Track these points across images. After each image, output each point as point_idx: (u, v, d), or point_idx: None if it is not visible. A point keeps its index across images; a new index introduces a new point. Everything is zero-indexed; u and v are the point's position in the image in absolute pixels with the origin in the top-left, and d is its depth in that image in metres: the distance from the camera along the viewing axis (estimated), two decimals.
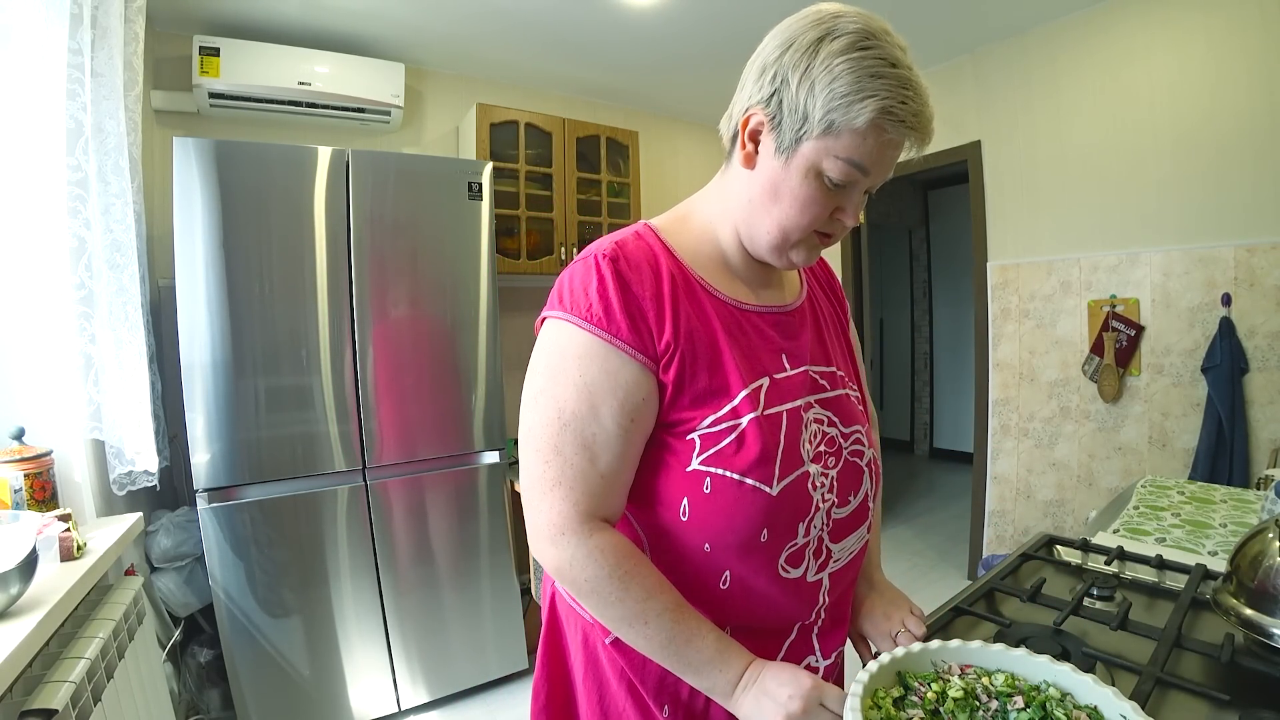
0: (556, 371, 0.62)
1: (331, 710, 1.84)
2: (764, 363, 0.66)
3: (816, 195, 0.61)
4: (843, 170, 0.59)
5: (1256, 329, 1.97)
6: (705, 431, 0.62)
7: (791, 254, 0.66)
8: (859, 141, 0.57)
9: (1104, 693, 0.54)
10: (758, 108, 0.62)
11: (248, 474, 1.71)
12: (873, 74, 0.56)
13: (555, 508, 0.61)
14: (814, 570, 0.67)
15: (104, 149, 1.42)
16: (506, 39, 2.47)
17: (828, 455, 0.67)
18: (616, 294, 0.60)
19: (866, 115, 0.56)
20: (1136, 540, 1.08)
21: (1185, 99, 2.08)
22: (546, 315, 0.64)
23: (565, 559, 0.60)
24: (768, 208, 0.63)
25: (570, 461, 0.61)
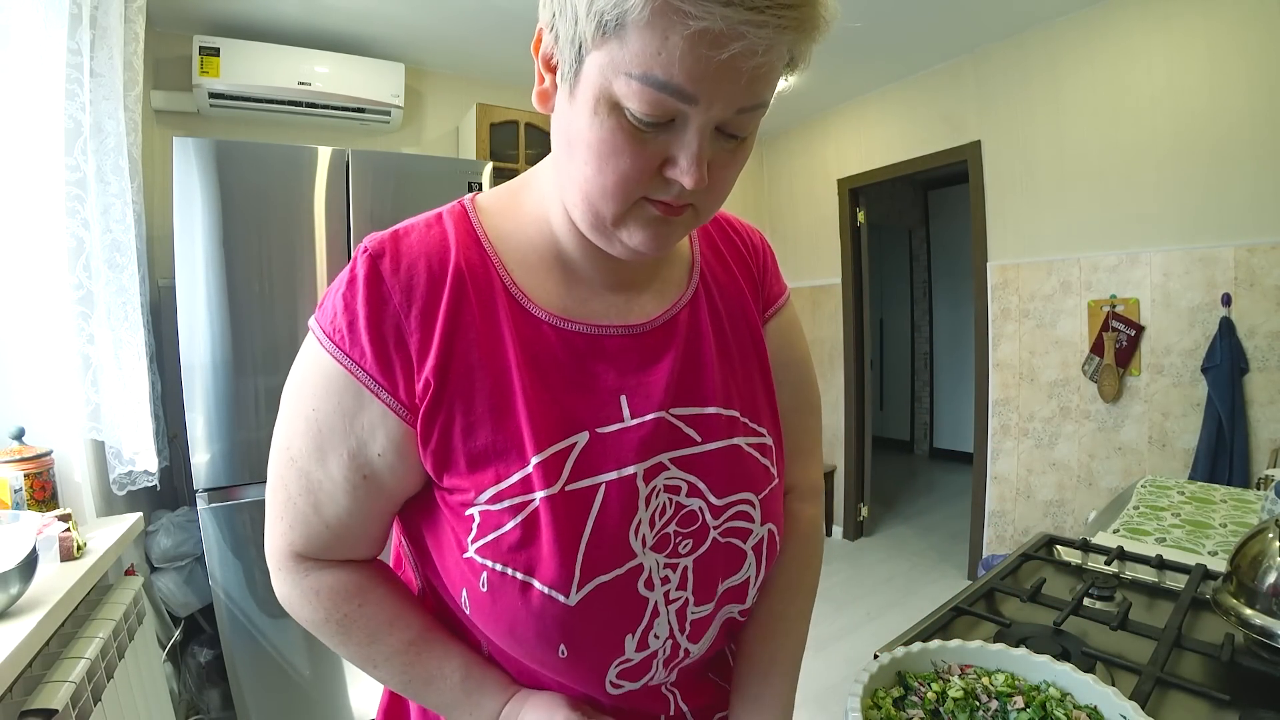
0: (294, 396, 0.48)
1: (331, 710, 1.84)
2: (582, 411, 0.47)
3: (616, 140, 0.39)
4: (643, 96, 0.36)
5: (1256, 329, 1.97)
6: (484, 508, 0.44)
7: (621, 235, 0.43)
8: (655, 44, 0.35)
9: (1104, 693, 0.54)
10: (542, 22, 0.42)
11: (248, 474, 1.71)
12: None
13: (274, 541, 0.50)
14: (664, 677, 0.51)
15: (103, 149, 1.42)
16: (506, 39, 2.47)
17: (681, 538, 0.48)
18: (366, 306, 0.43)
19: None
20: (1136, 540, 1.08)
21: (1185, 99, 2.08)
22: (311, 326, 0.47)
23: (283, 595, 0.51)
24: (566, 167, 0.43)
25: (294, 501, 0.48)
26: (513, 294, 0.47)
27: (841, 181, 3.38)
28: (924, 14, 2.36)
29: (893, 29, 2.48)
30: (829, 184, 3.46)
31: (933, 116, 2.89)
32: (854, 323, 3.40)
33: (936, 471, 4.94)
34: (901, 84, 3.02)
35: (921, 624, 0.80)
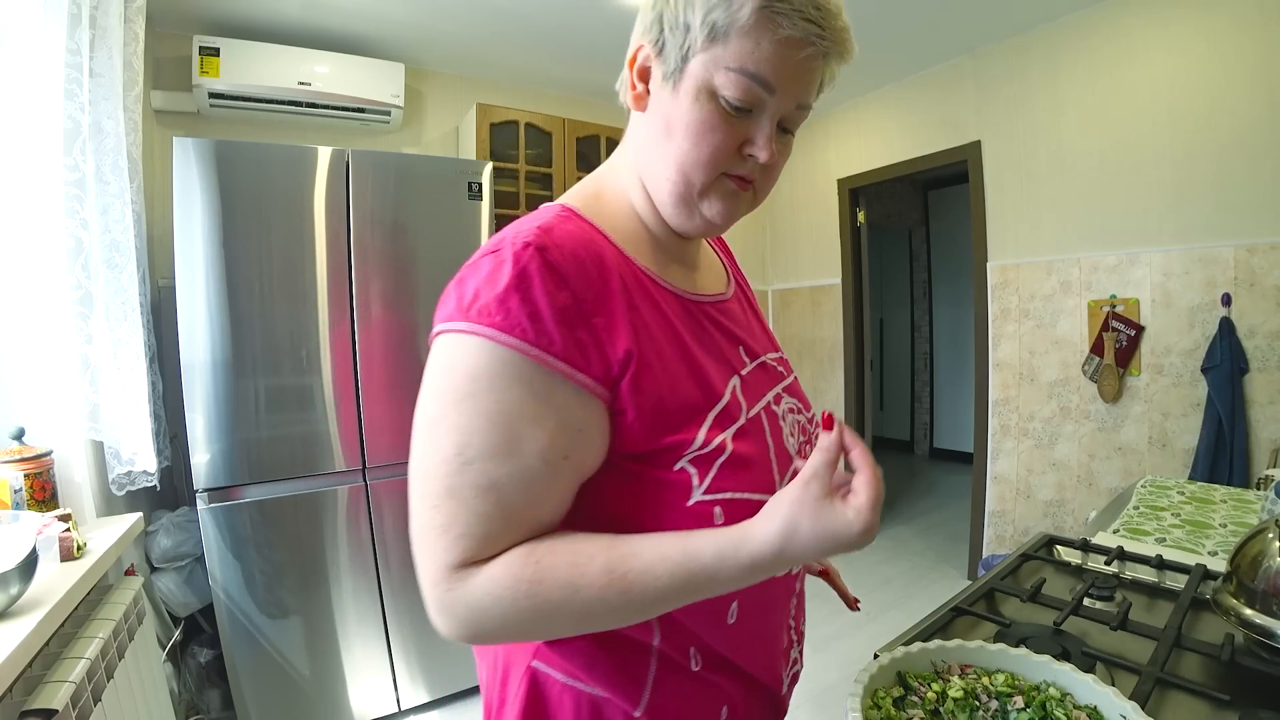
0: (462, 399, 0.46)
1: (331, 710, 1.84)
2: (730, 361, 0.57)
3: (713, 120, 0.50)
4: (738, 85, 0.49)
5: (1256, 329, 1.97)
6: (698, 454, 0.50)
7: (702, 206, 0.54)
8: (751, 45, 0.48)
9: (1104, 693, 0.54)
10: (644, 41, 0.54)
11: (248, 474, 1.71)
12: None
13: (438, 559, 0.46)
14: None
15: (102, 149, 1.42)
16: (506, 39, 2.47)
17: (805, 445, 0.60)
18: (546, 297, 0.46)
19: (750, 5, 0.47)
20: (1136, 540, 1.08)
21: (1185, 99, 2.08)
22: (442, 329, 0.49)
23: (463, 611, 0.45)
24: (663, 147, 0.53)
25: (470, 505, 0.45)
26: (648, 273, 0.55)
27: (841, 181, 3.38)
28: (923, 14, 2.36)
29: (892, 29, 2.48)
30: (829, 184, 3.46)
31: (932, 116, 2.89)
32: (854, 323, 3.40)
33: (936, 472, 4.94)
34: (901, 84, 3.02)
35: (921, 624, 0.80)
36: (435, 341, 0.50)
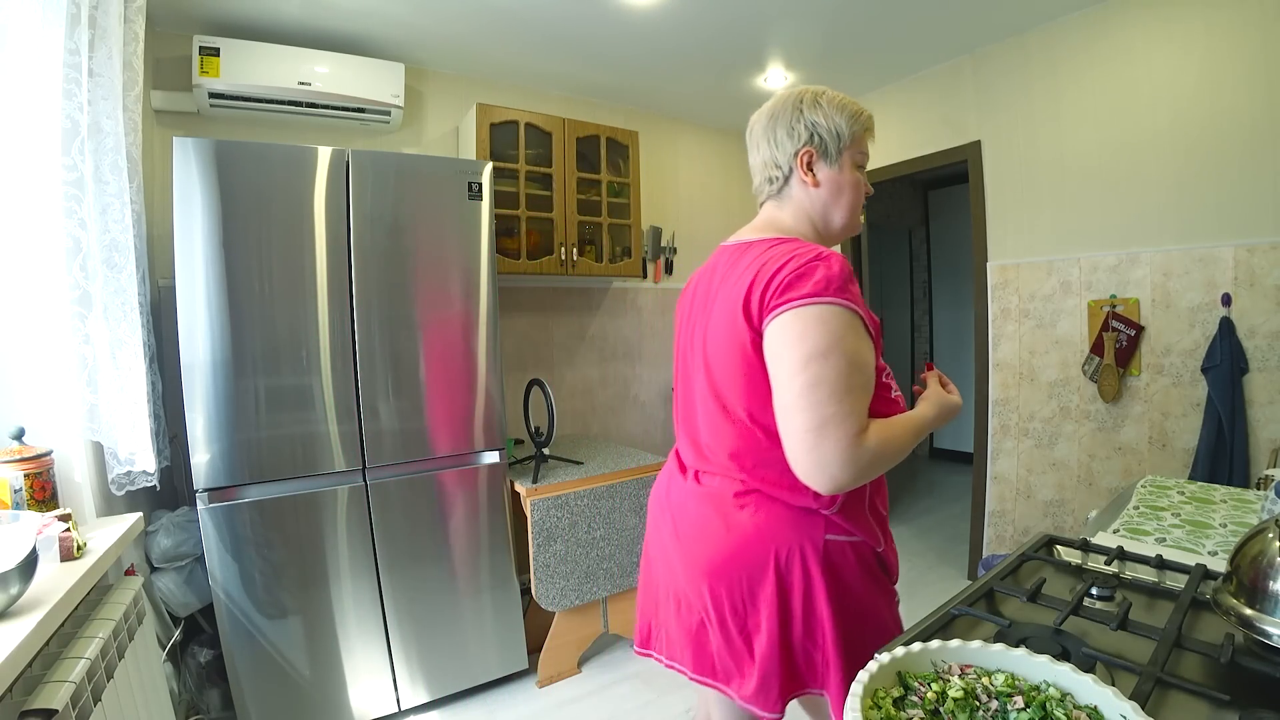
0: (838, 339, 0.81)
1: (331, 710, 1.84)
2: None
3: (858, 178, 1.01)
4: (862, 157, 1.02)
5: (1256, 329, 1.97)
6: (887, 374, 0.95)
7: (859, 221, 1.04)
8: (864, 143, 1.02)
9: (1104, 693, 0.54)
10: (805, 148, 0.99)
11: (248, 474, 1.71)
12: (853, 104, 1.01)
13: (851, 425, 0.78)
14: None
15: (101, 149, 1.42)
16: (506, 39, 2.47)
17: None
18: (853, 283, 0.85)
19: (864, 123, 1.01)
20: (1136, 540, 1.08)
21: (1185, 98, 2.08)
22: (810, 301, 0.81)
23: (871, 449, 0.79)
24: (838, 201, 1.00)
25: (857, 397, 0.81)
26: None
27: None
28: (923, 14, 2.36)
29: (892, 29, 2.48)
30: None
31: (933, 117, 2.89)
32: None
33: (936, 471, 4.94)
34: (901, 84, 3.02)
35: (921, 624, 0.80)
36: (805, 308, 0.81)
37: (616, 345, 3.28)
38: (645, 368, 3.39)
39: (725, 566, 0.91)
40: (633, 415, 3.35)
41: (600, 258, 2.87)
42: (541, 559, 2.04)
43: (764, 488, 0.91)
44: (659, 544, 1.07)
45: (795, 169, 0.99)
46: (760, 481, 0.92)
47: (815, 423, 0.78)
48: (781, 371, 0.82)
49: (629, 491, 2.22)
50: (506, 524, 2.09)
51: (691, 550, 0.96)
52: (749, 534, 0.90)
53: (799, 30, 2.47)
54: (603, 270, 2.85)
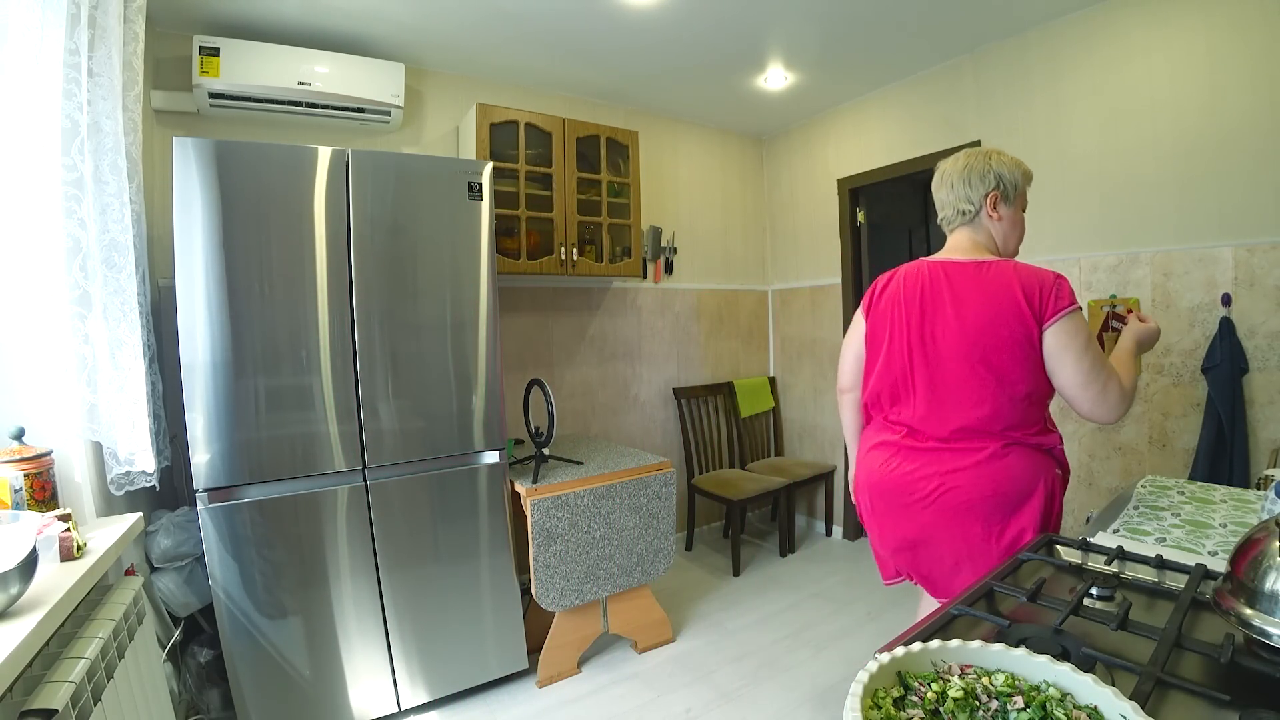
0: (1089, 333, 1.22)
1: (331, 710, 1.84)
2: None
3: (1022, 216, 1.41)
4: (1024, 202, 1.41)
5: (1256, 329, 1.97)
6: None
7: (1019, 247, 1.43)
8: (1027, 189, 1.41)
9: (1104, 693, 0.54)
10: (993, 191, 1.37)
11: (248, 474, 1.71)
12: (1023, 164, 1.40)
13: (1124, 386, 1.23)
14: None
15: (101, 149, 1.42)
16: (507, 39, 2.48)
17: None
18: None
19: (1029, 177, 1.41)
20: (1136, 540, 1.08)
21: (1185, 98, 2.08)
22: (1074, 308, 1.22)
23: (1128, 387, 1.24)
24: (1013, 232, 1.40)
25: (1108, 364, 1.24)
26: None
27: (841, 181, 3.38)
28: (923, 14, 2.36)
29: (893, 29, 2.48)
30: (829, 184, 3.46)
31: (932, 117, 2.89)
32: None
33: None
34: (901, 84, 3.02)
35: (921, 624, 0.80)
36: (1074, 313, 1.22)
37: (616, 345, 3.28)
38: (645, 368, 3.39)
39: (998, 494, 1.24)
40: (633, 415, 3.35)
41: (600, 258, 2.87)
42: (541, 559, 2.04)
43: (1024, 439, 1.26)
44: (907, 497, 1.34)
45: (984, 207, 1.36)
46: (1020, 435, 1.26)
47: (1102, 384, 1.20)
48: (1070, 356, 1.20)
49: (629, 491, 2.22)
50: (506, 524, 2.09)
51: (955, 491, 1.27)
52: (1019, 470, 1.25)
53: (799, 30, 2.47)
54: (603, 270, 2.85)
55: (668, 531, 2.32)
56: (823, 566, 3.11)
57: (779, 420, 3.86)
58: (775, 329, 3.93)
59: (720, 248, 3.70)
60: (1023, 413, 1.25)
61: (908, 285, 1.38)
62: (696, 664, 2.26)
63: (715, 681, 2.15)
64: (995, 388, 1.24)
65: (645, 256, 3.28)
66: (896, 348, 1.37)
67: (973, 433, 1.27)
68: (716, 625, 2.55)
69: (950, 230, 1.42)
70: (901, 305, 1.37)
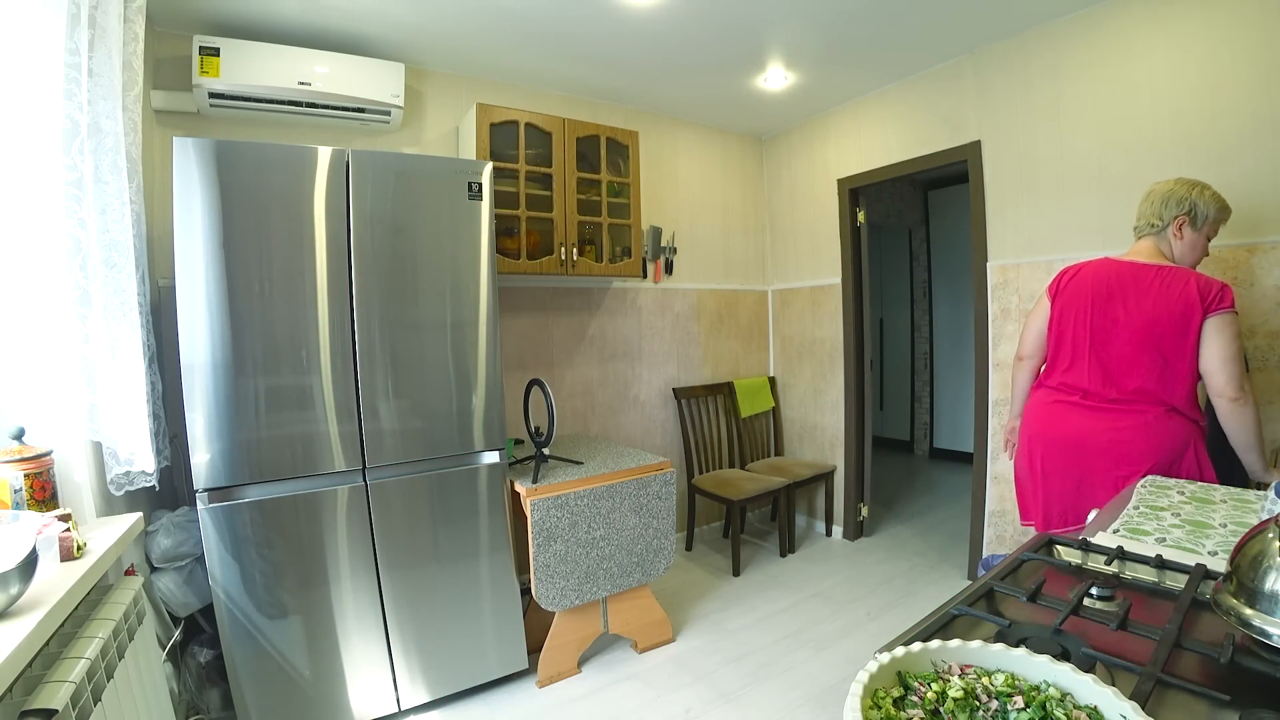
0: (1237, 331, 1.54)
1: (331, 710, 1.84)
2: None
3: (1205, 244, 1.67)
4: (1213, 231, 1.67)
5: (1256, 329, 1.97)
6: None
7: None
8: (1220, 223, 1.67)
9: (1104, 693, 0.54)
10: (1182, 216, 1.64)
11: (248, 474, 1.71)
12: (1222, 200, 1.64)
13: (1241, 374, 1.54)
14: None
15: (101, 149, 1.42)
16: (506, 39, 2.48)
17: None
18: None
19: (1223, 215, 1.66)
20: (1136, 540, 1.08)
21: (1185, 98, 2.08)
22: (1232, 309, 1.52)
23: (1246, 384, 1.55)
24: (1193, 252, 1.67)
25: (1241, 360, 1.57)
26: None
27: (841, 181, 3.38)
28: (923, 14, 2.36)
29: (892, 29, 2.48)
30: (829, 184, 3.46)
31: (933, 117, 2.89)
32: (854, 323, 3.40)
33: (936, 471, 4.94)
34: (901, 84, 3.02)
35: (921, 624, 0.80)
36: (1229, 313, 1.52)
37: (616, 345, 3.28)
38: (645, 368, 3.39)
39: (1163, 449, 1.57)
40: (633, 415, 3.35)
41: (600, 258, 2.87)
42: (541, 559, 2.04)
43: (1180, 408, 1.59)
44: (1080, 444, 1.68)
45: (1170, 225, 1.66)
46: (1176, 404, 1.58)
47: (1236, 368, 1.52)
48: (1220, 340, 1.51)
49: (629, 491, 2.22)
50: (506, 524, 2.09)
51: (1124, 444, 1.61)
52: (1178, 432, 1.58)
53: (799, 30, 2.47)
54: (603, 270, 2.85)
55: (668, 531, 2.32)
56: (823, 566, 3.11)
57: (779, 420, 3.86)
58: (775, 329, 3.93)
59: (720, 248, 3.70)
60: (1181, 384, 1.59)
61: (1095, 277, 1.71)
62: (696, 664, 2.26)
63: (715, 681, 2.15)
64: (1162, 364, 1.58)
65: (645, 256, 3.28)
66: (1080, 327, 1.71)
67: (1137, 399, 1.62)
68: (716, 625, 2.55)
69: (1139, 236, 1.74)
70: (1088, 292, 1.71)
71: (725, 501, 3.07)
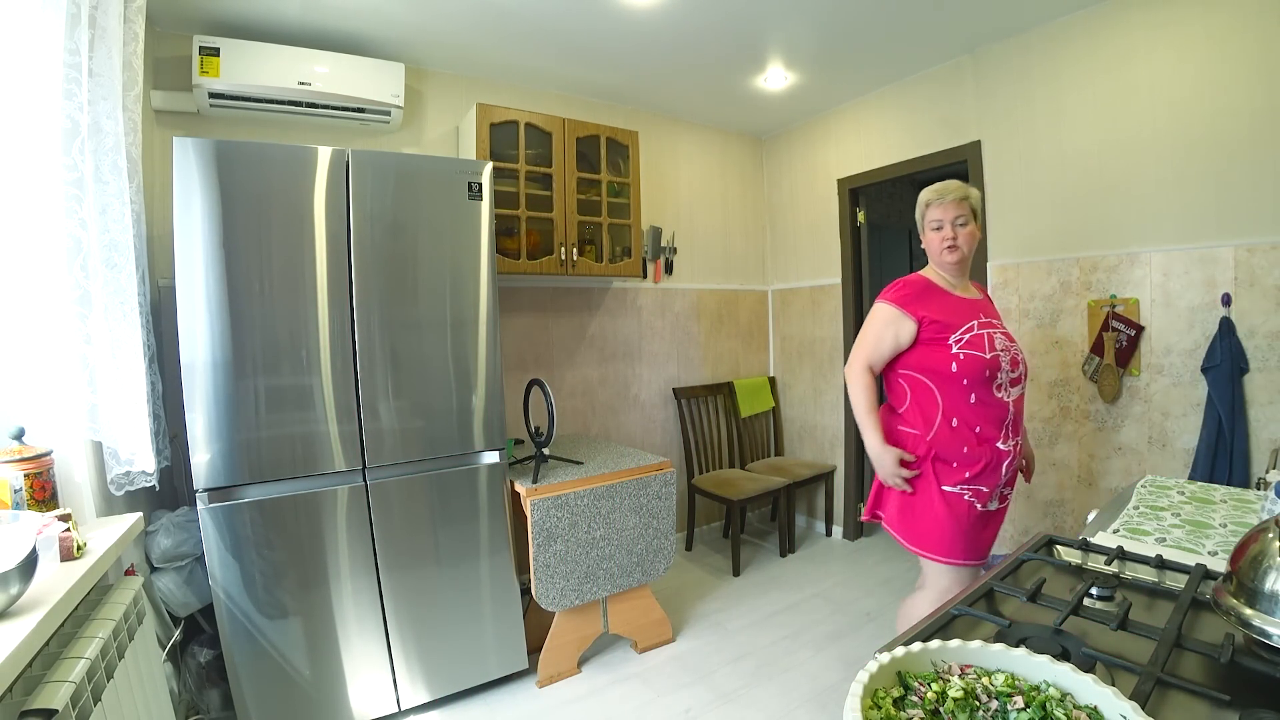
0: (874, 324, 1.70)
1: (331, 710, 1.84)
2: (972, 316, 1.63)
3: (931, 236, 1.72)
4: (932, 224, 1.71)
5: (1256, 329, 1.97)
6: (957, 338, 1.60)
7: (945, 260, 1.69)
8: (926, 214, 1.73)
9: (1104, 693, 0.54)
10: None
11: (248, 474, 1.71)
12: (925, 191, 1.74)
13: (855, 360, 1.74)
14: (1006, 396, 1.61)
15: (101, 149, 1.42)
16: (506, 39, 2.48)
17: (1007, 351, 1.61)
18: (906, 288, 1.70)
19: (924, 207, 1.73)
20: (1136, 540, 1.08)
21: (1185, 98, 2.08)
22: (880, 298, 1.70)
23: (855, 384, 1.71)
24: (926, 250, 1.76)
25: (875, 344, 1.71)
26: (941, 287, 1.70)
27: (841, 181, 3.38)
28: (923, 14, 2.36)
29: (892, 29, 2.48)
30: (829, 184, 3.46)
31: (932, 117, 2.89)
32: (854, 323, 3.40)
33: None
34: (901, 84, 3.02)
35: (921, 624, 0.80)
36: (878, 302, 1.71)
37: (616, 345, 3.28)
38: (645, 368, 3.39)
39: None
40: (633, 415, 3.35)
41: (600, 258, 2.87)
42: (541, 559, 2.04)
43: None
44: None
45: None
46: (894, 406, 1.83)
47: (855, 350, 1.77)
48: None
49: (629, 491, 2.22)
50: (506, 524, 2.09)
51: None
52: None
53: (799, 30, 2.47)
54: (603, 270, 2.85)
55: (668, 531, 2.32)
56: (822, 567, 3.11)
57: (779, 420, 3.86)
58: (775, 329, 3.93)
59: (720, 248, 3.70)
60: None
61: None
62: (696, 664, 2.26)
63: (715, 681, 2.15)
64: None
65: (645, 256, 3.28)
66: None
67: None
68: (716, 625, 2.55)
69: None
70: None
71: (725, 501, 3.07)
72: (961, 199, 1.66)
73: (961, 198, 1.66)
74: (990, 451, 1.61)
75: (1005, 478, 1.65)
